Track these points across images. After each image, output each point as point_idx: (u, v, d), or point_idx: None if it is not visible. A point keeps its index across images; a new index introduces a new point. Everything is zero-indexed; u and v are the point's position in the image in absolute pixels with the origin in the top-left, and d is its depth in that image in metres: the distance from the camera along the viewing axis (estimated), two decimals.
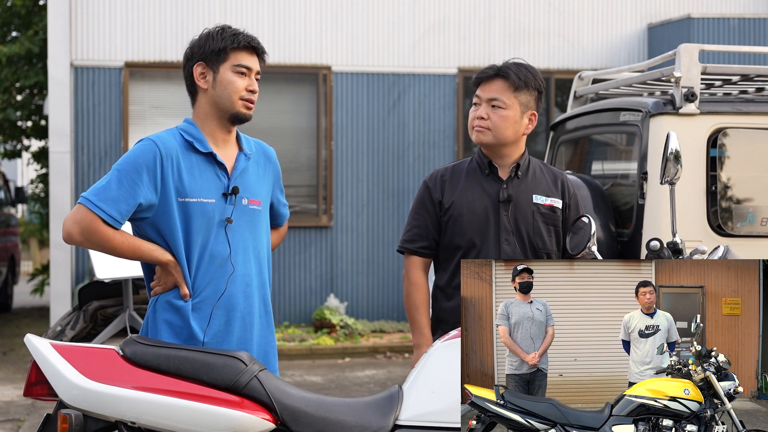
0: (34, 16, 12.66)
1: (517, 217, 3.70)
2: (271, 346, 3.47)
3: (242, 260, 3.34)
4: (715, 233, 5.13)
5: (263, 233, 3.44)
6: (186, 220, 3.27)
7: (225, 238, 3.30)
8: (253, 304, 3.37)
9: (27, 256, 21.01)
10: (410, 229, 3.81)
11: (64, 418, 2.92)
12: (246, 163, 3.39)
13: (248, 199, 3.37)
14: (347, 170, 11.20)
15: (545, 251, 3.72)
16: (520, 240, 3.70)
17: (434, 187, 3.78)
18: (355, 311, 11.19)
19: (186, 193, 3.26)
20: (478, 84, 3.74)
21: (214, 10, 10.87)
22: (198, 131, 3.35)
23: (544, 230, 3.72)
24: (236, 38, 3.33)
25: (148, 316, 3.37)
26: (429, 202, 3.78)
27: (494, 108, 3.68)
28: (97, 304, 5.82)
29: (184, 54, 3.42)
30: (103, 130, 10.74)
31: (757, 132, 5.28)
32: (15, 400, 7.90)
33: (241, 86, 3.33)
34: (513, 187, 3.72)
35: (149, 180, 3.23)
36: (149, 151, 3.25)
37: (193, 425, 2.93)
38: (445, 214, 3.74)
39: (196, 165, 3.30)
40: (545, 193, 3.75)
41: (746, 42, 11.20)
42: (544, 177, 3.80)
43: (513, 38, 11.50)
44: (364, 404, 3.07)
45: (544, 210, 3.73)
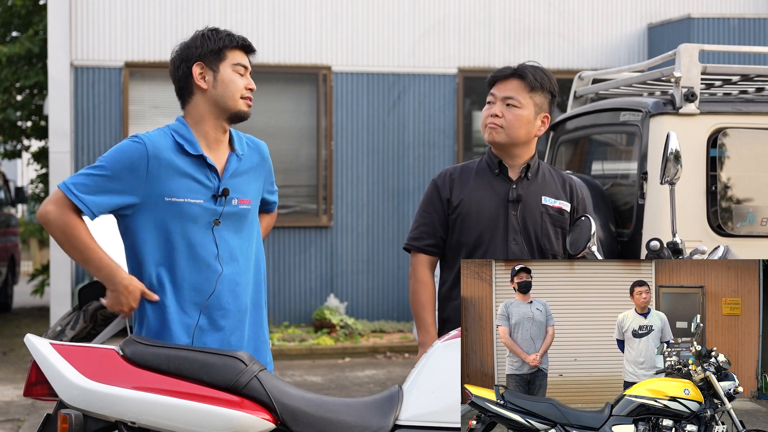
0: (34, 16, 12.66)
1: (526, 218, 3.71)
2: (262, 341, 3.48)
3: (230, 260, 3.34)
4: (715, 233, 5.13)
5: (253, 230, 3.46)
6: (172, 219, 3.27)
7: (212, 238, 3.32)
8: (242, 302, 3.38)
9: (27, 256, 21.01)
10: (417, 227, 3.82)
11: (64, 418, 2.92)
12: (237, 163, 3.41)
13: (238, 199, 3.38)
14: (347, 170, 11.20)
15: (552, 252, 3.74)
16: (528, 240, 3.71)
17: (443, 185, 3.80)
18: (355, 311, 11.19)
19: (173, 193, 3.27)
20: (492, 83, 3.76)
21: (214, 10, 10.87)
22: (190, 132, 3.35)
23: (551, 231, 3.74)
24: (232, 38, 3.37)
25: (135, 317, 3.40)
26: (437, 200, 3.79)
27: (509, 107, 3.69)
28: (97, 304, 5.79)
29: (173, 57, 3.41)
30: (103, 130, 10.74)
31: (757, 132, 5.28)
32: (15, 400, 7.90)
33: (242, 84, 3.37)
34: (522, 188, 3.74)
35: (131, 180, 3.23)
36: (136, 150, 3.26)
37: (193, 425, 2.93)
38: (453, 212, 3.75)
39: (185, 166, 3.30)
40: (554, 196, 3.77)
41: (746, 42, 11.20)
42: (553, 180, 3.82)
43: (513, 38, 11.50)
44: (364, 404, 3.08)
45: (553, 212, 3.75)
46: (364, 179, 11.24)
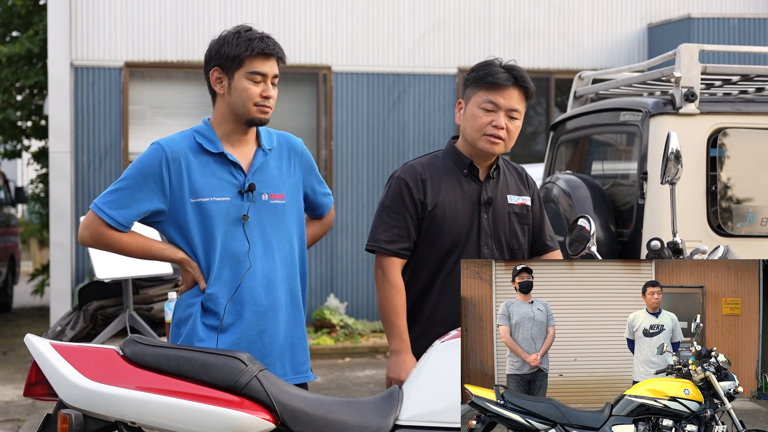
0: (34, 16, 12.66)
1: (495, 220, 3.64)
2: (299, 339, 3.48)
3: (263, 255, 3.35)
4: (715, 233, 5.12)
5: (291, 226, 3.44)
6: (201, 219, 3.31)
7: (243, 234, 3.33)
8: (277, 298, 3.38)
9: (27, 256, 21.01)
10: (389, 229, 3.59)
11: (64, 418, 2.92)
12: (264, 158, 3.41)
13: (269, 194, 3.38)
14: (347, 170, 11.20)
15: (521, 252, 3.68)
16: (498, 242, 3.64)
17: (415, 186, 3.60)
18: (355, 311, 11.19)
19: (198, 193, 3.31)
20: (491, 86, 3.56)
21: (214, 10, 10.87)
22: (212, 132, 3.39)
23: (519, 231, 3.68)
24: (251, 44, 3.33)
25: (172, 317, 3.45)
26: (410, 201, 3.59)
27: (512, 119, 3.58)
28: (97, 304, 5.82)
29: (204, 55, 3.46)
30: (103, 130, 10.74)
31: (757, 132, 5.27)
32: (15, 400, 7.91)
33: (255, 93, 3.35)
34: (491, 189, 3.66)
35: (155, 186, 3.30)
36: (155, 156, 3.32)
37: (193, 425, 2.93)
38: (427, 215, 3.60)
39: (207, 165, 3.34)
40: (516, 192, 3.70)
41: (746, 42, 11.20)
42: (511, 175, 3.74)
43: (513, 38, 11.50)
44: (364, 404, 3.08)
45: (518, 210, 3.68)
46: (364, 179, 11.24)
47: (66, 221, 10.50)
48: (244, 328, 3.33)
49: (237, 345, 3.32)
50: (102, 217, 3.30)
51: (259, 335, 3.35)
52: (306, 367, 3.51)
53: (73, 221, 10.48)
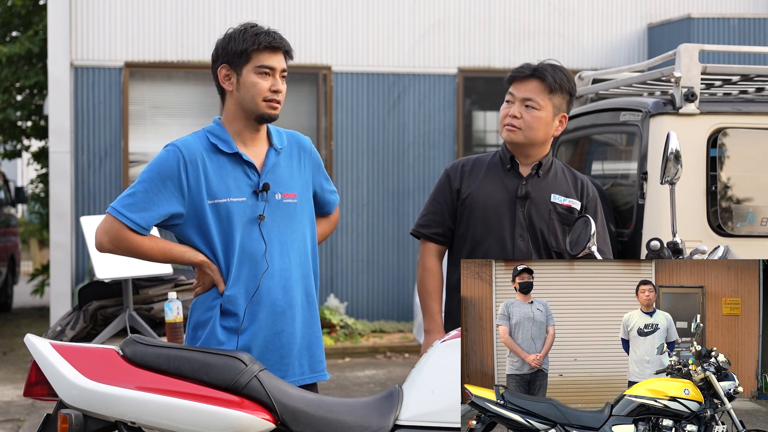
0: (34, 16, 12.66)
1: (533, 215, 3.73)
2: (316, 338, 3.46)
3: (279, 255, 3.34)
4: (715, 233, 5.12)
5: (304, 225, 3.44)
6: (219, 221, 3.29)
7: (259, 234, 3.32)
8: (293, 297, 3.37)
9: (27, 256, 21.00)
10: (426, 215, 3.86)
11: (64, 418, 2.92)
12: (276, 158, 3.40)
13: (282, 194, 3.37)
14: (347, 170, 11.20)
15: (557, 250, 3.75)
16: (534, 237, 3.73)
17: (454, 176, 3.82)
18: (355, 311, 11.18)
19: (215, 194, 3.29)
20: (511, 82, 3.77)
21: (214, 10, 10.86)
22: (224, 132, 3.37)
23: (559, 229, 3.76)
24: (257, 39, 3.32)
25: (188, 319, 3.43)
26: (448, 189, 3.82)
27: (528, 108, 3.71)
28: (97, 304, 5.82)
29: (211, 54, 3.46)
30: (103, 130, 10.74)
31: (757, 132, 5.28)
32: (15, 400, 7.90)
33: (264, 87, 3.33)
34: (532, 185, 3.76)
35: (174, 188, 3.27)
36: (173, 158, 3.29)
37: (193, 425, 2.93)
38: (462, 203, 3.78)
39: (223, 166, 3.32)
40: (564, 194, 3.79)
41: (746, 42, 11.19)
42: (565, 178, 3.84)
43: (513, 38, 11.50)
44: (364, 404, 3.08)
45: (561, 210, 3.76)
46: (364, 179, 11.24)
47: (66, 221, 10.49)
48: (263, 328, 3.32)
49: (255, 346, 3.30)
50: (122, 220, 3.24)
51: (277, 335, 3.34)
52: (323, 365, 3.51)
53: (73, 221, 10.47)
